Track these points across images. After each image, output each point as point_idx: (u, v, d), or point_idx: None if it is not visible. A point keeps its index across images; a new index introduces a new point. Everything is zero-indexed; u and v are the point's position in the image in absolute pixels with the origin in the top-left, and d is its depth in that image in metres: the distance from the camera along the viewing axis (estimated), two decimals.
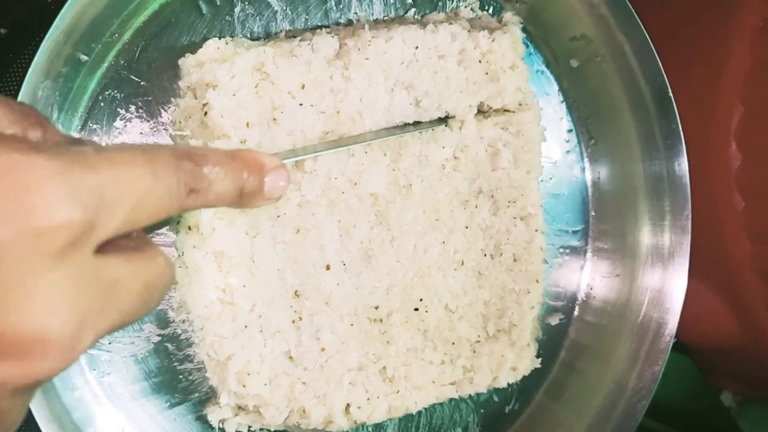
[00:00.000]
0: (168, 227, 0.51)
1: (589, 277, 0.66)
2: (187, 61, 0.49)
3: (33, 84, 0.43)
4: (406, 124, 0.55)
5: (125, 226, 0.30)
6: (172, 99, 0.51)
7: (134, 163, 0.30)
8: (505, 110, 0.59)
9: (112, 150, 0.30)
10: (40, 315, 0.27)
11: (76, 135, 0.38)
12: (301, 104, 0.50)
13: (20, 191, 0.26)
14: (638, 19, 0.58)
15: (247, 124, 0.49)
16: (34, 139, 0.31)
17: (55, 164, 0.27)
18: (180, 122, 0.50)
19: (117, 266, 0.31)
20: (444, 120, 0.56)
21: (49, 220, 0.26)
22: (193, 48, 0.49)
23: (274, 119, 0.49)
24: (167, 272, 0.34)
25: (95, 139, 0.50)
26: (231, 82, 0.47)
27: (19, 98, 0.42)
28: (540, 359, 0.62)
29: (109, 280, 0.30)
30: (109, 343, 0.50)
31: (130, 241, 0.32)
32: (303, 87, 0.50)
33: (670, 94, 0.59)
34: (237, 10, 0.52)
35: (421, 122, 0.55)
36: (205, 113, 0.47)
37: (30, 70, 0.42)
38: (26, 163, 0.26)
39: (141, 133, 0.50)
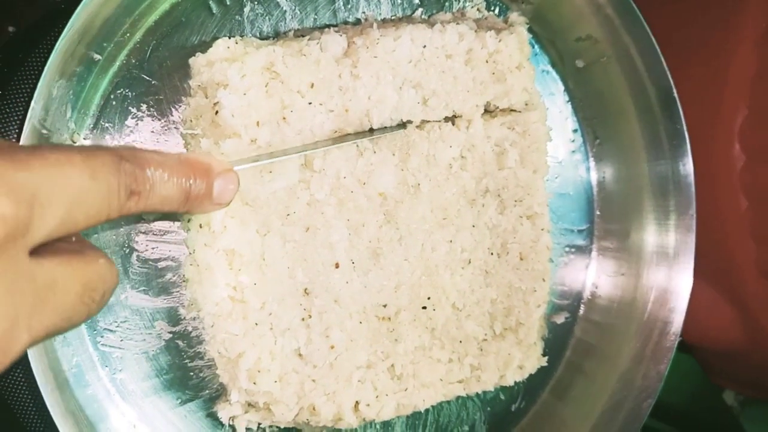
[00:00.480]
0: (179, 225, 0.52)
1: (595, 276, 0.67)
2: (197, 61, 0.49)
3: (48, 83, 0.43)
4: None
5: (62, 228, 0.30)
6: (183, 98, 0.51)
7: (70, 163, 0.30)
8: (512, 110, 0.59)
9: (47, 149, 0.30)
10: None
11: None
12: (310, 103, 0.50)
13: None
14: (644, 21, 0.58)
15: (258, 123, 0.49)
16: None
17: None
18: (191, 121, 0.50)
19: (54, 268, 0.30)
20: (450, 119, 0.57)
21: None
22: (204, 47, 0.50)
23: (284, 118, 0.50)
24: (109, 274, 0.33)
25: (107, 138, 0.50)
26: (241, 82, 0.48)
27: (35, 97, 0.42)
28: (546, 357, 0.62)
29: (45, 281, 0.30)
30: (121, 341, 0.51)
31: (70, 244, 0.32)
32: (312, 86, 0.50)
33: (675, 95, 0.60)
34: (246, 9, 0.53)
35: (428, 120, 0.56)
36: (216, 112, 0.48)
37: (45, 69, 0.42)
38: None
39: (152, 131, 0.51)
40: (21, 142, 0.43)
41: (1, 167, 0.27)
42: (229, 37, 0.50)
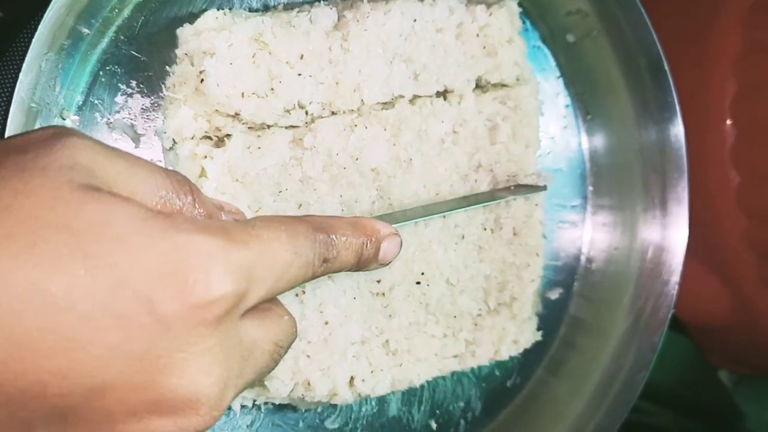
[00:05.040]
0: None
1: (588, 251, 0.67)
2: (185, 31, 0.49)
3: (36, 55, 0.43)
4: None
5: (267, 296, 0.34)
6: (170, 70, 0.51)
7: (278, 240, 0.34)
8: (503, 85, 0.59)
9: (260, 227, 0.34)
10: (195, 378, 0.30)
11: (214, 200, 0.41)
12: (299, 74, 0.50)
13: (185, 269, 0.30)
14: None
15: (242, 94, 0.49)
16: (187, 206, 0.34)
17: (214, 243, 0.31)
18: (174, 86, 0.50)
19: (254, 329, 0.34)
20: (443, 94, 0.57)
21: (209, 294, 0.30)
22: (192, 21, 0.50)
23: (272, 89, 0.50)
24: (293, 330, 0.38)
25: (97, 115, 0.50)
26: (228, 51, 0.47)
27: (23, 70, 0.42)
28: (541, 332, 0.62)
29: (248, 343, 0.34)
30: None
31: (263, 303, 0.36)
32: (301, 57, 0.50)
33: (666, 67, 0.60)
34: None
35: (420, 95, 0.56)
36: (201, 80, 0.48)
37: (33, 41, 0.42)
38: (190, 243, 0.30)
39: (143, 108, 0.51)
40: (9, 117, 0.43)
41: (224, 248, 0.31)
42: (218, 10, 0.50)
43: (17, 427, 0.29)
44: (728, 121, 0.71)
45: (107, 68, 0.50)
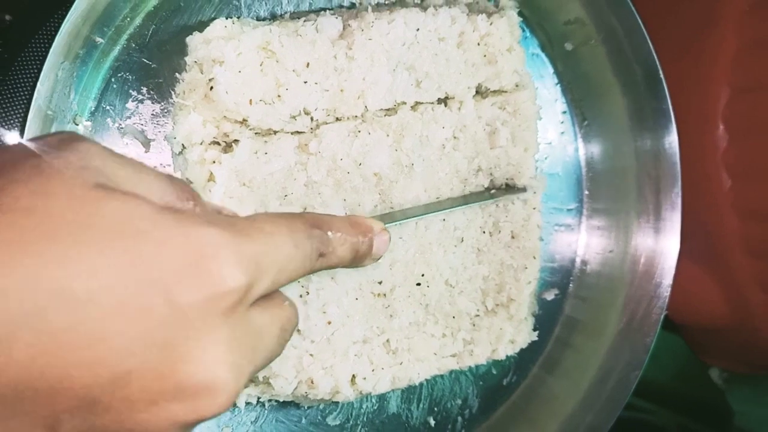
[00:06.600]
0: None
1: (583, 254, 0.68)
2: (194, 39, 0.50)
3: (53, 65, 0.44)
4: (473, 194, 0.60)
5: (272, 287, 0.36)
6: (179, 77, 0.52)
7: (279, 233, 0.36)
8: (503, 91, 0.61)
9: (262, 221, 0.36)
10: (211, 365, 0.32)
11: (213, 204, 0.43)
12: (305, 82, 0.51)
13: (200, 261, 0.31)
14: (630, 2, 0.60)
15: (250, 101, 0.50)
16: (189, 209, 0.35)
17: (224, 236, 0.32)
18: (183, 93, 0.51)
19: (260, 317, 0.36)
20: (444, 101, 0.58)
21: (224, 285, 0.32)
22: (201, 29, 0.51)
23: (279, 96, 0.51)
24: (295, 314, 0.40)
25: (108, 120, 0.51)
26: (237, 59, 0.49)
27: (41, 79, 0.44)
28: (537, 332, 0.64)
29: (256, 330, 0.35)
30: None
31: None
32: (308, 65, 0.51)
33: (661, 75, 0.61)
34: None
35: (422, 102, 0.57)
36: (211, 88, 0.49)
37: (50, 51, 0.43)
38: (202, 236, 0.31)
39: (153, 114, 0.52)
40: (27, 124, 0.44)
41: (234, 241, 0.32)
42: (227, 18, 0.51)
43: (45, 420, 0.29)
44: (721, 126, 0.72)
45: (119, 75, 0.51)
